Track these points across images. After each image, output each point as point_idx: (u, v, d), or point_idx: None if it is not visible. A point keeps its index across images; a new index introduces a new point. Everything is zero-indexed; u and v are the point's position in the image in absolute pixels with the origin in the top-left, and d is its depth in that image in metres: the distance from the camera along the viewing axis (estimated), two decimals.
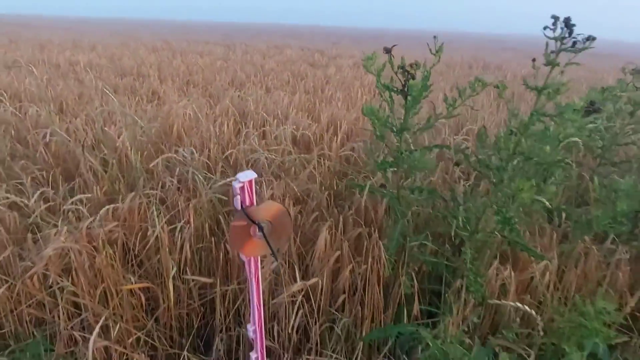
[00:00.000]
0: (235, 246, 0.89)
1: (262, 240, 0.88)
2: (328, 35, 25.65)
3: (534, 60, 0.97)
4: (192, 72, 5.01)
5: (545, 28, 0.92)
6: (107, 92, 3.11)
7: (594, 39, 0.92)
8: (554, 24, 0.92)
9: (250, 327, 1.04)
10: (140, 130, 2.20)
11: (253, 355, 1.08)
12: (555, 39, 0.93)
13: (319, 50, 11.04)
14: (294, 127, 2.51)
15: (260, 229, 0.87)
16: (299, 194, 1.75)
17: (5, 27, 15.47)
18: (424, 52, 1.27)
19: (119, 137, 2.07)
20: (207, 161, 2.02)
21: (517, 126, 1.06)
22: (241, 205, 0.85)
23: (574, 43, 0.92)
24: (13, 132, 2.34)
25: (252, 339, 1.05)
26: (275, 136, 2.33)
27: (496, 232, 1.16)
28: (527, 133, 1.06)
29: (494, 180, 1.15)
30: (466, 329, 1.17)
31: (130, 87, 3.94)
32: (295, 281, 1.35)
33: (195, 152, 1.97)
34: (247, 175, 0.84)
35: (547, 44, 0.95)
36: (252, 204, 0.86)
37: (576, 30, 0.94)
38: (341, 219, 1.55)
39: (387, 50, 1.16)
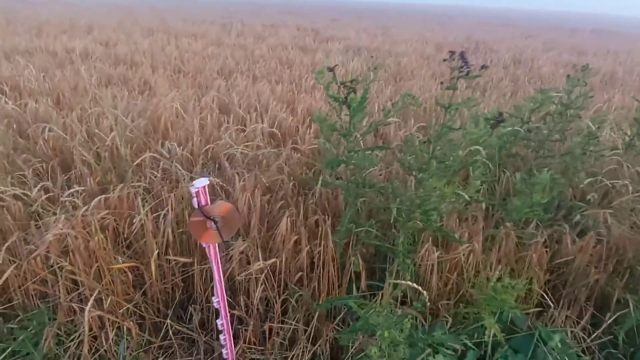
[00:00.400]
0: (195, 236, 1.12)
1: (216, 232, 1.11)
2: (329, 10, 25.36)
3: (442, 82, 1.18)
4: (183, 60, 5.14)
5: (445, 60, 1.12)
6: (101, 84, 3.28)
7: (487, 67, 1.13)
8: (451, 57, 1.12)
9: (214, 299, 1.29)
10: (129, 126, 2.40)
11: (219, 321, 1.33)
12: (453, 68, 1.14)
13: (315, 30, 11.04)
14: (270, 122, 2.70)
15: (215, 223, 1.10)
16: (267, 185, 1.97)
17: (4, 3, 15.32)
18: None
19: (110, 132, 2.28)
20: (190, 155, 2.23)
21: (432, 135, 1.27)
22: (198, 205, 1.08)
23: (468, 72, 1.12)
24: (15, 125, 2.55)
25: (218, 309, 1.30)
26: (253, 129, 2.54)
27: (418, 222, 1.38)
28: (443, 140, 1.28)
29: (419, 178, 1.37)
30: (392, 301, 1.41)
31: (123, 76, 4.10)
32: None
33: (178, 146, 2.18)
34: (202, 182, 1.06)
35: (451, 71, 1.15)
36: (206, 203, 1.09)
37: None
38: (302, 207, 1.77)
39: (330, 69, 1.36)
